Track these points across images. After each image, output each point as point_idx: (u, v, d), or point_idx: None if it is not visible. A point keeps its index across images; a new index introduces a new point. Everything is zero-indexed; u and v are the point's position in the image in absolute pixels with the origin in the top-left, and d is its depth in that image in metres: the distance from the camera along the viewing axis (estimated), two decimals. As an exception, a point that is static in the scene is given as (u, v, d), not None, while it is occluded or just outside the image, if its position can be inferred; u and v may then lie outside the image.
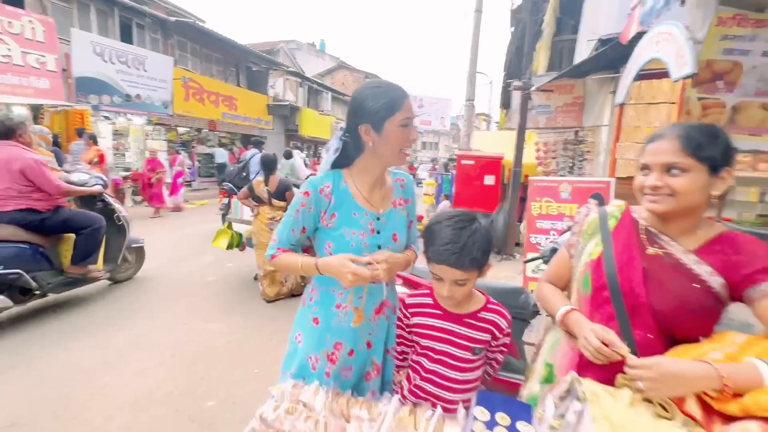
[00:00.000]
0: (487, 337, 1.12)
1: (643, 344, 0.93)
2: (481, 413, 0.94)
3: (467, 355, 1.12)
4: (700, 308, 0.90)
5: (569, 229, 1.25)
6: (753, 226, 5.25)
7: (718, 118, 3.26)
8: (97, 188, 3.57)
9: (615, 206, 1.13)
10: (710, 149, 0.87)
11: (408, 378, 1.22)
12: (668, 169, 0.90)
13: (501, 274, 5.43)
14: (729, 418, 0.75)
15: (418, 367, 1.18)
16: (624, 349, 0.87)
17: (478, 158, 6.38)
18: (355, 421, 0.99)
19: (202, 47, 14.15)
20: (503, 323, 1.14)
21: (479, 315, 1.13)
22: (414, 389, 1.18)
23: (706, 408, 0.79)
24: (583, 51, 6.84)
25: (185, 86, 12.24)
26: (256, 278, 4.19)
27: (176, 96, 11.81)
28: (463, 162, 6.33)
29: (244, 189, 3.97)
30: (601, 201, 1.22)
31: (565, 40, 8.66)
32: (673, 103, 5.54)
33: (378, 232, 1.17)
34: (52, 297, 3.37)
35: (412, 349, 1.23)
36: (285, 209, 3.74)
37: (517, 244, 6.41)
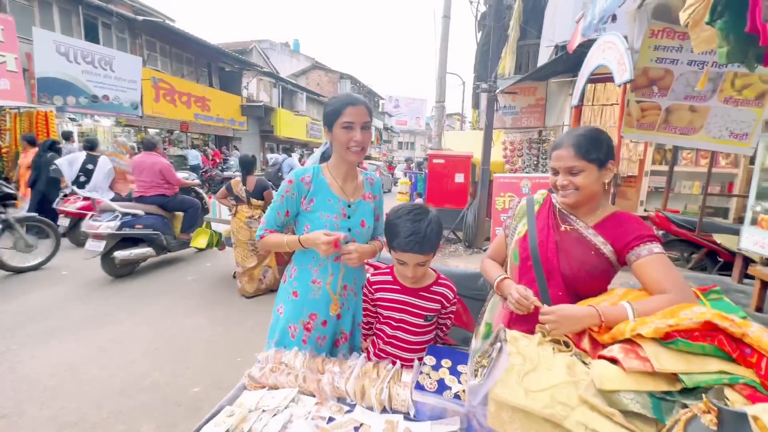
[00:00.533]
0: (437, 306, 1.34)
1: (556, 299, 1.19)
2: (429, 360, 1.18)
3: (421, 321, 1.34)
4: (595, 270, 1.17)
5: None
6: (695, 215, 5.79)
7: (654, 120, 3.66)
8: (197, 182, 5.72)
9: (540, 194, 1.39)
10: (595, 152, 1.14)
11: (373, 344, 1.43)
12: (569, 171, 1.17)
13: (471, 266, 5.74)
14: (606, 347, 1.00)
15: (381, 334, 1.40)
16: (536, 301, 1.12)
17: (448, 157, 6.68)
18: (329, 374, 1.20)
19: (172, 47, 13.88)
20: (450, 294, 1.36)
21: (431, 288, 1.35)
22: (378, 352, 1.39)
23: (594, 342, 1.05)
24: (544, 56, 7.29)
25: (155, 87, 12.01)
26: (234, 276, 4.31)
27: (146, 97, 11.57)
28: (435, 161, 6.62)
29: (222, 189, 4.08)
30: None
31: (530, 44, 9.14)
32: (622, 104, 6.04)
33: (349, 217, 1.40)
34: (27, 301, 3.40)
35: (376, 319, 1.44)
36: (263, 208, 3.94)
37: (487, 239, 6.76)
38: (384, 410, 1.10)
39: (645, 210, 6.10)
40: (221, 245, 4.55)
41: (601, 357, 0.97)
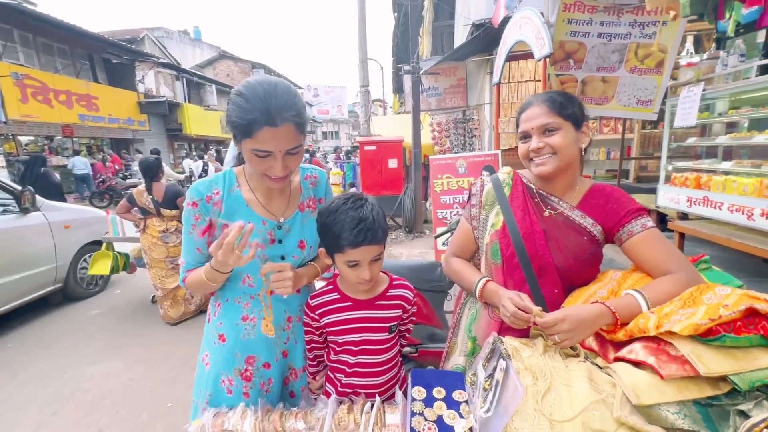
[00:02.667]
0: (398, 312, 1.12)
1: (550, 299, 1.03)
2: (418, 392, 0.95)
3: (385, 335, 1.11)
4: (590, 257, 1.03)
5: (469, 200, 1.29)
6: (604, 179, 6.39)
7: (572, 92, 3.83)
8: None
9: (504, 173, 1.20)
10: (571, 108, 1.01)
11: (331, 381, 1.15)
12: (544, 131, 1.01)
13: (415, 251, 5.70)
14: (618, 345, 0.87)
15: (342, 366, 1.12)
16: (539, 312, 0.93)
17: (379, 143, 6.51)
18: (292, 435, 0.92)
19: (37, 36, 11.53)
20: (410, 295, 1.15)
21: (388, 294, 1.12)
22: (343, 390, 1.11)
23: (600, 339, 0.91)
24: (460, 35, 7.39)
25: (19, 85, 9.90)
26: (154, 300, 3.68)
27: (8, 98, 9.50)
28: (366, 148, 6.39)
29: (123, 201, 3.40)
30: (492, 172, 1.32)
31: (444, 25, 9.25)
32: (538, 80, 6.39)
33: (280, 242, 1.07)
34: None
35: (326, 351, 1.17)
36: (178, 218, 3.35)
37: (426, 222, 6.79)
38: (372, 471, 0.85)
39: (564, 178, 6.59)
40: (130, 267, 3.84)
41: (619, 359, 0.83)
